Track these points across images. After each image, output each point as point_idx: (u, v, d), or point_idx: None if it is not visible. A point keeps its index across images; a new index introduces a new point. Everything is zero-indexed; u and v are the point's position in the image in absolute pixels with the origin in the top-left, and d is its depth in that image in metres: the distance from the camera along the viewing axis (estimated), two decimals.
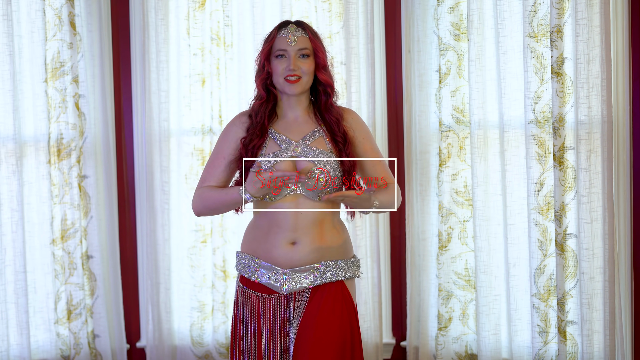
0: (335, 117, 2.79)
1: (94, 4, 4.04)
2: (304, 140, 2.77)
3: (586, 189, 3.59)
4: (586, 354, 3.65)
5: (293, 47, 2.73)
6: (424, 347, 4.00)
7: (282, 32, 2.76)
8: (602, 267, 3.62)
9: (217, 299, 4.06)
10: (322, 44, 2.79)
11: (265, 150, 2.77)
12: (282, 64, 2.74)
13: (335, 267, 2.77)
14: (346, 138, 2.78)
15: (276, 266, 2.75)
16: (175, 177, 4.09)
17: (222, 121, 4.03)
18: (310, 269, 2.74)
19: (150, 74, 4.03)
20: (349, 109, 2.87)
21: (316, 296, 2.74)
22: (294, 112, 2.82)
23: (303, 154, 2.73)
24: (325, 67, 2.77)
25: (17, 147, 3.93)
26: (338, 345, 2.70)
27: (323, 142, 2.78)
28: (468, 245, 3.90)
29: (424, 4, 3.90)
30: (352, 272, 2.82)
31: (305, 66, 2.74)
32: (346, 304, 2.76)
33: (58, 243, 4.01)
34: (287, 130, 2.79)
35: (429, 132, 3.94)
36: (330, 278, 2.76)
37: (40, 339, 4.08)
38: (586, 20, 3.54)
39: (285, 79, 2.73)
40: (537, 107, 3.65)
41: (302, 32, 2.75)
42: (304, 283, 2.75)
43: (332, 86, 2.79)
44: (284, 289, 2.75)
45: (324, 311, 2.71)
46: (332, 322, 2.71)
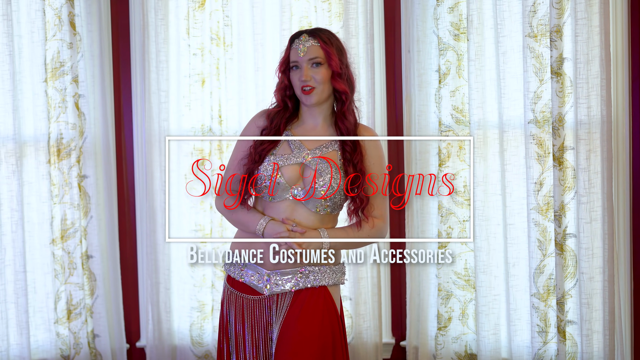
0: (346, 127, 2.75)
1: (93, 4, 4.05)
2: (316, 149, 2.75)
3: (586, 189, 3.60)
4: (586, 354, 3.65)
5: (303, 58, 2.72)
6: (424, 346, 4.00)
7: (295, 44, 2.75)
8: (602, 266, 3.62)
9: (216, 298, 4.06)
10: (337, 48, 2.74)
11: (277, 150, 2.77)
12: (297, 75, 2.74)
13: (320, 272, 2.76)
14: (356, 147, 2.73)
15: (261, 267, 2.75)
16: (175, 177, 4.09)
17: (221, 121, 4.03)
18: (294, 272, 2.74)
19: (150, 74, 4.03)
20: (368, 128, 2.82)
21: (298, 300, 2.73)
22: (315, 120, 2.80)
23: (311, 164, 2.73)
24: (339, 75, 2.73)
25: (17, 147, 3.94)
26: (317, 351, 2.69)
27: (335, 156, 2.75)
28: (467, 245, 3.90)
29: (423, 4, 3.90)
30: (337, 278, 2.80)
31: (319, 75, 2.72)
32: (328, 309, 2.74)
33: (58, 243, 4.02)
34: (304, 135, 2.79)
35: (429, 132, 3.94)
36: (313, 283, 2.74)
37: (40, 338, 4.08)
38: (586, 20, 3.55)
39: (302, 90, 2.73)
40: (536, 107, 3.65)
41: (313, 41, 2.73)
42: (287, 286, 2.74)
43: (347, 93, 2.74)
44: (265, 290, 2.74)
45: (305, 316, 2.71)
46: (312, 327, 2.70)
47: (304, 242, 2.66)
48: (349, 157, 2.74)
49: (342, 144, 2.75)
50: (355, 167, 2.73)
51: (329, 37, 2.76)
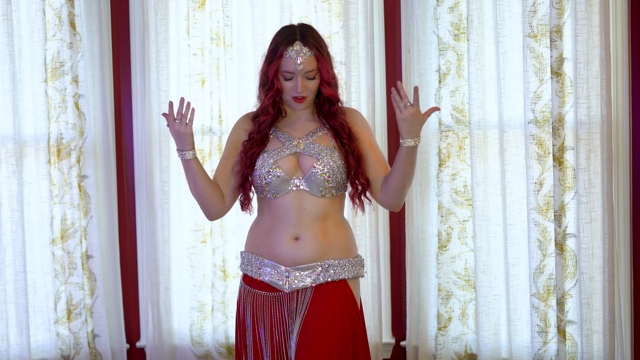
0: (340, 122, 2.80)
1: (93, 4, 4.05)
2: (307, 137, 2.78)
3: (586, 189, 3.60)
4: (586, 354, 3.65)
5: (300, 71, 2.72)
6: (424, 346, 4.00)
7: (289, 52, 2.73)
8: (602, 266, 3.62)
9: (217, 298, 4.06)
10: (326, 56, 2.76)
11: (269, 147, 2.78)
12: (290, 84, 2.74)
13: (339, 265, 2.76)
14: (351, 135, 2.78)
15: (279, 264, 2.75)
16: (175, 177, 4.09)
17: (222, 121, 4.03)
18: (313, 267, 2.74)
19: (150, 74, 4.03)
20: (352, 109, 2.88)
21: (319, 295, 2.74)
22: (298, 112, 2.84)
23: (306, 150, 2.75)
24: (329, 83, 2.77)
25: (17, 147, 3.93)
26: (339, 346, 2.70)
27: (326, 138, 2.78)
28: (467, 245, 3.90)
29: (423, 4, 3.90)
30: (356, 271, 2.81)
31: (312, 85, 2.75)
32: (348, 303, 2.76)
33: (58, 243, 4.02)
34: (291, 128, 2.82)
35: (429, 132, 3.94)
36: (334, 277, 2.75)
37: (40, 338, 4.08)
38: (586, 20, 3.55)
39: (294, 98, 2.75)
40: (536, 107, 3.65)
41: (309, 53, 2.73)
42: (307, 281, 2.74)
43: (337, 98, 2.79)
44: (286, 287, 2.75)
45: (326, 311, 2.71)
46: (334, 322, 2.71)
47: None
48: (348, 149, 2.77)
49: (339, 138, 2.78)
50: (354, 155, 2.76)
51: (318, 42, 2.75)
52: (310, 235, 2.74)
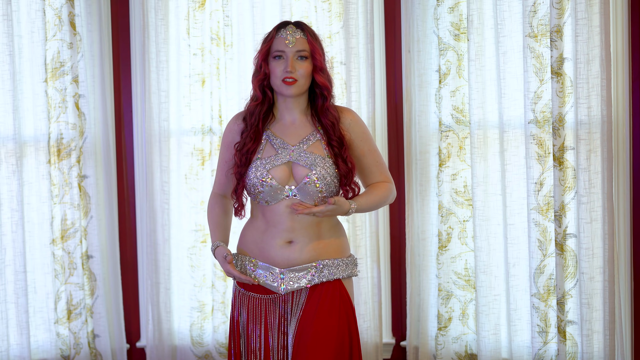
0: (331, 121, 2.77)
1: (94, 4, 4.05)
2: (300, 144, 2.76)
3: (586, 189, 3.59)
4: (586, 354, 3.65)
5: (291, 49, 2.71)
6: (424, 347, 4.00)
7: (281, 33, 2.75)
8: (602, 267, 3.62)
9: (217, 298, 4.06)
10: (320, 45, 2.78)
11: (262, 154, 2.77)
12: (280, 66, 2.73)
13: (333, 265, 2.76)
14: (342, 141, 2.77)
15: (273, 266, 2.75)
16: (175, 177, 4.09)
17: (222, 121, 4.03)
18: (307, 268, 2.74)
19: (150, 74, 4.03)
20: (347, 109, 2.85)
21: (314, 295, 2.74)
22: (291, 115, 2.81)
23: (299, 160, 2.73)
24: (322, 69, 2.76)
25: (17, 147, 3.93)
26: (336, 345, 2.70)
27: (320, 146, 2.77)
28: (468, 245, 3.90)
29: (423, 4, 3.90)
30: (350, 270, 2.81)
31: (303, 68, 2.73)
32: (344, 303, 2.76)
33: (58, 243, 4.02)
34: (284, 133, 2.79)
35: (429, 132, 3.94)
36: (328, 277, 2.75)
37: (40, 338, 4.08)
38: (586, 20, 3.55)
39: (283, 81, 2.72)
40: (536, 107, 3.65)
41: (301, 34, 2.74)
42: (302, 282, 2.75)
43: (329, 89, 2.77)
44: (281, 289, 2.75)
45: (322, 311, 2.71)
46: (330, 321, 2.71)
47: (327, 209, 2.66)
48: (338, 152, 2.76)
49: (328, 140, 2.76)
50: (345, 161, 2.75)
51: (312, 31, 2.79)
52: (305, 238, 2.74)
